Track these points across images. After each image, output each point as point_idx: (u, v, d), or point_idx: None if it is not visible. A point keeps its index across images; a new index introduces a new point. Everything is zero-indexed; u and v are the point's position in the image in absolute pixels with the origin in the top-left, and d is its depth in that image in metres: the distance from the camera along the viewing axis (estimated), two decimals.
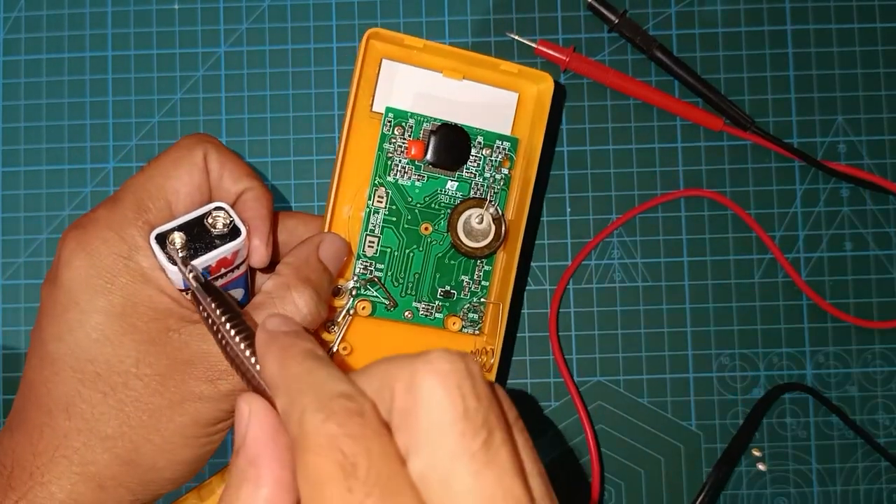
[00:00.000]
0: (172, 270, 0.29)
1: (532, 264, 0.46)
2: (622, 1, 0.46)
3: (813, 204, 0.46)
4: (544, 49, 0.45)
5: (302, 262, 0.33)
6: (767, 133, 0.46)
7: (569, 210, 0.46)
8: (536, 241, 0.46)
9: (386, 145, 0.38)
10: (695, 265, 0.46)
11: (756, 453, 0.45)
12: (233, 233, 0.30)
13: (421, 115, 0.38)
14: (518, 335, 0.46)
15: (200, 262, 0.29)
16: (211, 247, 0.30)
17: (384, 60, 0.38)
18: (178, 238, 0.29)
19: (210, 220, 0.30)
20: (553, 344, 0.45)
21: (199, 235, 0.30)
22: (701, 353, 0.46)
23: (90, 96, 0.47)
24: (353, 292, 0.37)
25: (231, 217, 0.30)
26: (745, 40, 0.47)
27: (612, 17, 0.45)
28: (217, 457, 0.45)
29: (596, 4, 0.45)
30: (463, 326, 0.39)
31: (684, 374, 0.46)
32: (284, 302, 0.31)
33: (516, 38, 0.46)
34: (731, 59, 0.47)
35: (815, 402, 0.45)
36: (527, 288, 0.46)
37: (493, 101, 0.39)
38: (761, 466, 0.45)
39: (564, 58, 0.45)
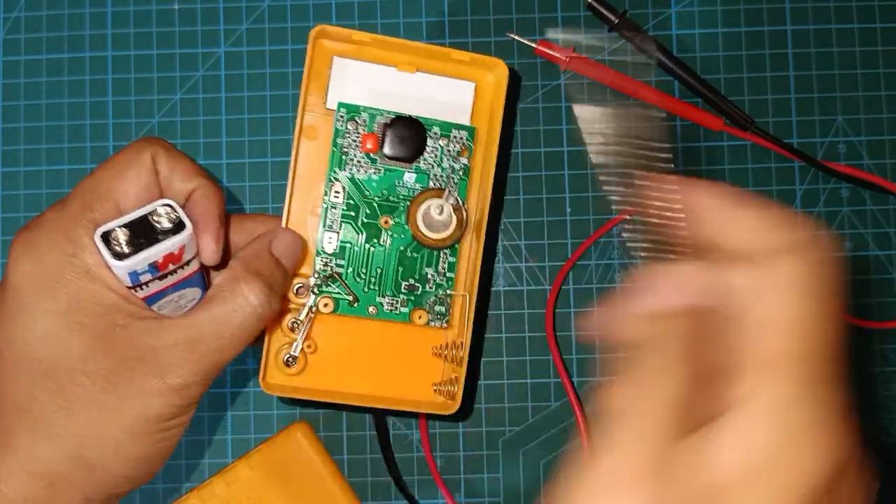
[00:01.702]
0: (118, 266, 0.29)
1: (532, 264, 0.46)
2: (622, 1, 0.46)
3: (813, 204, 0.46)
4: (544, 49, 0.45)
5: (252, 256, 0.33)
6: (767, 133, 0.46)
7: (569, 210, 0.46)
8: (536, 241, 0.46)
9: (340, 140, 0.37)
10: None
11: None
12: (177, 227, 0.30)
13: (374, 109, 0.38)
14: (518, 335, 0.46)
15: (144, 256, 0.29)
16: (155, 242, 0.30)
17: (335, 58, 0.38)
18: (121, 234, 0.29)
19: (155, 217, 0.30)
20: (550, 342, 0.45)
21: (144, 231, 0.30)
22: None
23: (90, 96, 0.47)
24: (315, 290, 0.37)
25: (176, 212, 0.30)
26: (745, 40, 0.47)
27: (612, 18, 0.45)
28: (217, 457, 0.45)
29: (596, 4, 0.45)
30: (430, 320, 0.38)
31: None
32: (234, 295, 0.31)
33: (516, 38, 0.46)
34: (731, 59, 0.47)
35: None
36: (526, 288, 0.46)
37: (450, 92, 0.39)
38: None
39: (564, 58, 0.45)
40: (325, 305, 0.38)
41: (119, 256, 0.29)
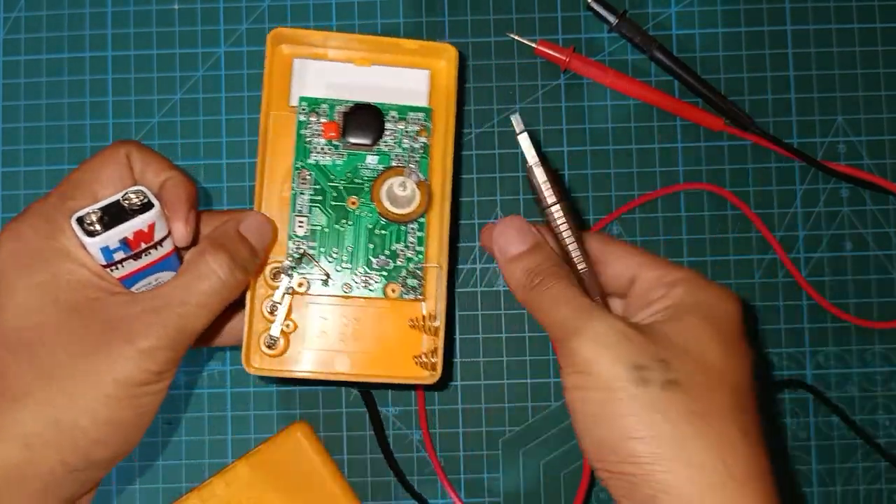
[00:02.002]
0: (90, 243, 0.32)
1: None
2: (622, 1, 0.46)
3: (813, 204, 0.46)
4: (544, 49, 0.46)
5: (219, 233, 0.35)
6: (767, 133, 0.46)
7: None
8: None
9: (303, 131, 0.40)
10: (695, 265, 0.46)
11: None
12: (146, 207, 0.32)
13: (333, 100, 0.40)
14: (518, 335, 0.46)
15: (114, 233, 0.32)
16: (125, 220, 0.32)
17: (295, 59, 0.40)
18: (94, 216, 0.32)
19: (125, 199, 0.32)
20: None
21: (115, 213, 0.32)
22: None
23: (90, 96, 0.47)
24: (290, 272, 0.39)
25: (146, 195, 0.33)
26: (745, 40, 0.47)
27: (612, 18, 0.45)
28: (217, 457, 0.46)
29: (596, 5, 0.45)
30: (403, 293, 0.39)
31: None
32: (198, 264, 0.33)
33: (516, 38, 0.46)
34: (731, 59, 0.47)
35: (815, 403, 0.45)
36: None
37: (406, 80, 0.41)
38: None
39: (564, 58, 0.45)
40: (300, 285, 0.39)
41: (91, 234, 0.32)
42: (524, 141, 0.34)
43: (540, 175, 0.34)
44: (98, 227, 0.32)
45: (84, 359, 0.31)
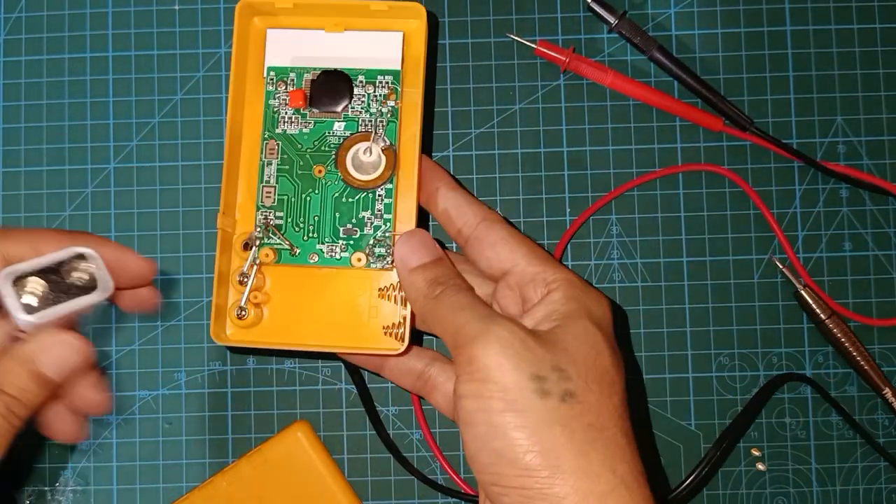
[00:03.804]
0: (23, 321, 0.28)
1: None
2: (622, 1, 0.47)
3: (812, 204, 0.46)
4: (544, 50, 0.46)
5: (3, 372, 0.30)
6: (767, 134, 0.46)
7: (568, 210, 0.46)
8: (537, 242, 0.46)
9: (271, 101, 0.39)
10: (694, 265, 0.46)
11: (755, 453, 0.45)
12: (91, 287, 0.29)
13: (301, 68, 0.39)
14: None
15: (52, 313, 0.28)
16: (68, 299, 0.28)
17: (269, 31, 0.40)
18: (37, 284, 0.27)
19: (71, 269, 0.29)
20: None
21: (56, 285, 0.28)
22: (700, 352, 0.46)
23: (91, 97, 0.47)
24: (257, 242, 0.39)
25: (94, 274, 0.29)
26: (745, 40, 0.47)
27: (612, 19, 0.45)
28: (218, 457, 0.46)
29: (595, 5, 0.45)
30: (370, 262, 0.38)
31: (684, 373, 0.46)
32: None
33: (516, 38, 0.46)
34: (731, 60, 0.47)
35: (815, 402, 0.45)
36: None
37: (379, 44, 0.40)
38: (761, 466, 0.45)
39: (564, 58, 0.45)
40: (267, 256, 0.39)
41: (29, 311, 0.28)
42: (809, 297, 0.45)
43: (809, 294, 0.44)
44: (36, 302, 0.27)
45: None
